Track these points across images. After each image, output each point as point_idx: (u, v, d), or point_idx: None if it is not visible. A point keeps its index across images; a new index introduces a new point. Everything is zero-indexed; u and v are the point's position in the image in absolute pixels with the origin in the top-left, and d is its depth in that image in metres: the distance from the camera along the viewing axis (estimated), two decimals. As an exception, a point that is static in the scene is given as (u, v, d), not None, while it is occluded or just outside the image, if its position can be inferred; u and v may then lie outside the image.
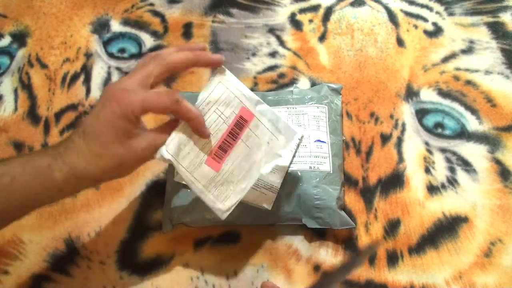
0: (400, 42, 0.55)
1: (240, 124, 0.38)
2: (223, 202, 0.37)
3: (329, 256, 0.43)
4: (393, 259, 0.43)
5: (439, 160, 0.47)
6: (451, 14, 0.57)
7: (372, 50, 0.54)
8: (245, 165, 0.38)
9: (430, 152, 0.48)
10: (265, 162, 0.39)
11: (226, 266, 0.43)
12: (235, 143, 0.37)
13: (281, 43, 0.56)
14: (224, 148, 0.37)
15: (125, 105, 0.32)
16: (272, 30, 0.57)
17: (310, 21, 0.57)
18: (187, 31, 0.58)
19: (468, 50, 0.54)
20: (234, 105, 0.37)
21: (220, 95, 0.37)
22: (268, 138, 0.39)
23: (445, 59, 0.53)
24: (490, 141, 0.48)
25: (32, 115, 0.53)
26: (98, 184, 0.46)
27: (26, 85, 0.55)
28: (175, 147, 0.35)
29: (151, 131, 0.35)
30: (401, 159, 0.48)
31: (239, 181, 0.38)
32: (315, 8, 0.58)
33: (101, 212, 0.47)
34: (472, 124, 0.49)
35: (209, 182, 0.37)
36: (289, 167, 0.43)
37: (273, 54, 0.55)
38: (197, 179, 0.36)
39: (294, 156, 0.44)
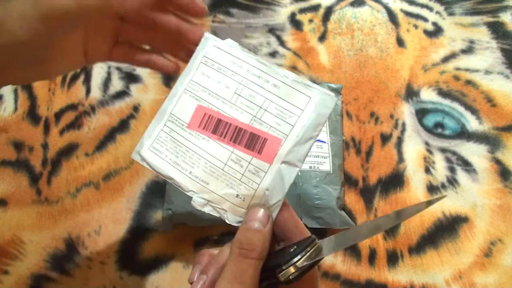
0: (400, 42, 0.55)
1: (254, 142, 0.27)
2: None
3: (329, 256, 0.43)
4: (393, 259, 0.43)
5: (439, 160, 0.47)
6: (451, 14, 0.56)
7: (372, 50, 0.54)
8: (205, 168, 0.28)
9: (430, 152, 0.48)
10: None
11: (226, 266, 0.43)
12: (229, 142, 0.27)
13: (281, 43, 0.56)
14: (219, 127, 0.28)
15: None
16: (272, 30, 0.57)
17: (310, 21, 0.57)
18: (187, 31, 0.58)
19: (468, 50, 0.54)
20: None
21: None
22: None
23: (445, 59, 0.53)
24: (490, 141, 0.48)
25: (32, 115, 0.53)
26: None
27: (26, 85, 0.55)
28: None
29: None
30: (401, 159, 0.48)
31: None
32: (315, 8, 0.58)
33: (101, 212, 0.47)
34: (472, 124, 0.49)
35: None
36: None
37: (273, 54, 0.55)
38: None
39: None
